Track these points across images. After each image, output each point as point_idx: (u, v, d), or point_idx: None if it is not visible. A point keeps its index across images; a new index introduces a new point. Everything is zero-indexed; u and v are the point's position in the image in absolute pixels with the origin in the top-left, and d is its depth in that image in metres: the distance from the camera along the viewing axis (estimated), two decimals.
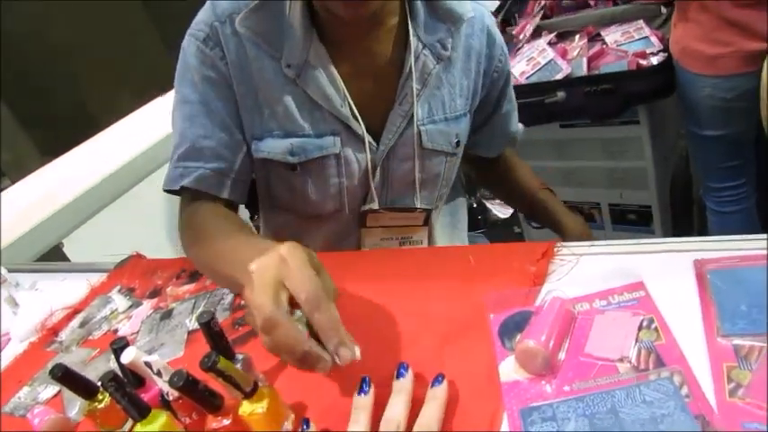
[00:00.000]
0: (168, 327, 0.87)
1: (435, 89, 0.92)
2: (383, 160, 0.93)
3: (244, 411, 0.59)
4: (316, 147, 0.90)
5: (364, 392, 0.59)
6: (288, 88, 0.87)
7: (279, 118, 0.89)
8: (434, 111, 0.93)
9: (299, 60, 0.86)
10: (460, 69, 0.93)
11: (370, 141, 0.91)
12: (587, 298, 0.64)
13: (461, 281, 0.73)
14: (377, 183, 0.95)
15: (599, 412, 0.52)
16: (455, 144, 0.96)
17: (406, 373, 0.59)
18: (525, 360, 0.58)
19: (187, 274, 0.99)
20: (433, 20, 0.89)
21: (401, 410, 0.56)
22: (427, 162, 0.95)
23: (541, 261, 0.70)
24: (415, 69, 0.89)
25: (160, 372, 0.62)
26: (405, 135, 0.92)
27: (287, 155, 0.90)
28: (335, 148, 0.90)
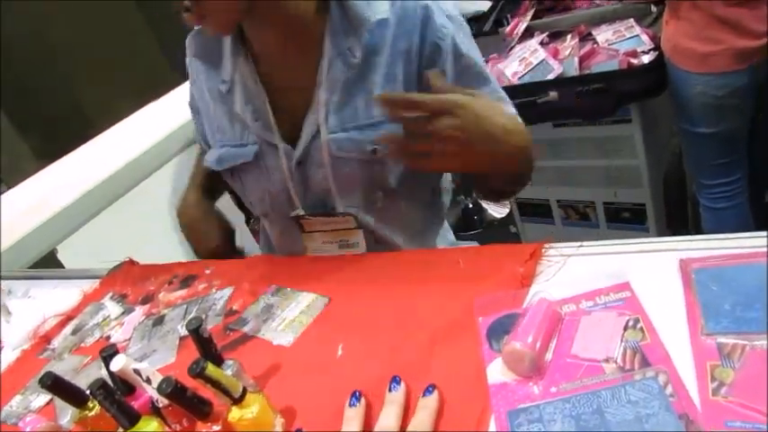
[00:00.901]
0: (160, 333, 0.87)
1: (348, 96, 0.91)
2: (300, 166, 0.95)
3: (233, 417, 0.59)
4: (234, 155, 0.99)
5: (354, 405, 0.60)
6: (223, 103, 0.99)
7: (218, 130, 1.01)
8: (347, 119, 0.91)
9: (230, 77, 0.96)
10: (383, 76, 0.90)
11: (285, 149, 0.94)
12: (574, 299, 0.64)
13: (450, 283, 0.73)
14: (298, 186, 0.97)
15: (585, 413, 0.52)
16: (370, 152, 0.92)
17: (399, 386, 0.60)
18: (512, 362, 0.58)
19: (179, 279, 0.99)
20: (347, 26, 0.89)
21: (393, 422, 0.57)
22: (341, 169, 0.94)
23: (529, 262, 0.70)
24: (327, 78, 0.90)
25: (149, 379, 0.62)
26: (316, 143, 0.92)
27: (215, 163, 1.01)
28: (248, 157, 0.97)
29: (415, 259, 0.82)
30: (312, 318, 0.77)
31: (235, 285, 0.91)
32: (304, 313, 0.79)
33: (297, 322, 0.77)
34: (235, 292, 0.90)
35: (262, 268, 0.94)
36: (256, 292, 0.87)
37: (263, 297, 0.85)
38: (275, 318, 0.80)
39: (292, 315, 0.79)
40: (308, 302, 0.80)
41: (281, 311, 0.80)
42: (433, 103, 0.70)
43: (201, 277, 0.97)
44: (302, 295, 0.82)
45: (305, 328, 0.76)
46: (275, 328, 0.78)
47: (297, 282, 0.86)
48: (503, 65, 1.86)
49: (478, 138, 0.72)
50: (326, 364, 0.69)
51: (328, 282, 0.84)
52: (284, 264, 0.93)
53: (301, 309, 0.80)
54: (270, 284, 0.87)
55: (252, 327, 0.80)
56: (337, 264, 0.89)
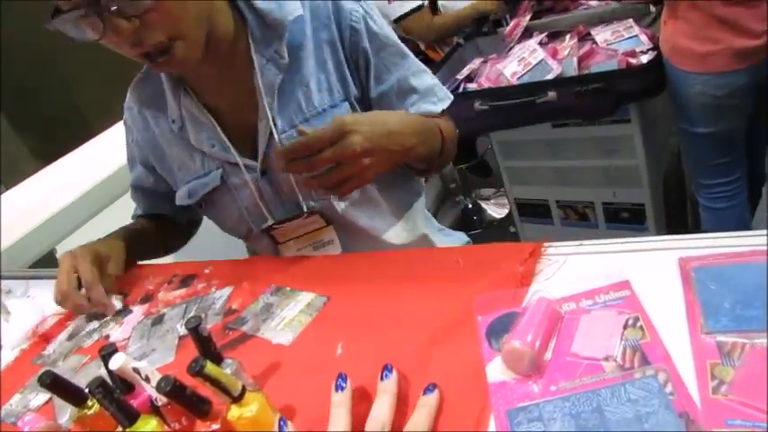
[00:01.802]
0: (159, 332, 0.87)
1: (288, 95, 0.93)
2: (266, 175, 0.97)
3: (232, 416, 0.59)
4: (202, 185, 1.00)
5: (341, 389, 0.59)
6: (179, 141, 1.00)
7: (182, 169, 1.03)
8: (293, 116, 0.94)
9: (177, 114, 0.97)
10: (314, 66, 0.93)
11: (246, 164, 0.96)
12: (574, 298, 0.64)
13: (449, 282, 0.73)
14: (270, 196, 0.99)
15: (584, 411, 0.52)
16: None
17: (390, 374, 0.60)
18: (512, 361, 0.58)
19: (179, 279, 0.99)
20: (267, 31, 0.91)
21: (386, 411, 0.56)
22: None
23: (528, 261, 0.70)
24: (263, 85, 0.91)
25: (148, 377, 0.62)
26: (272, 147, 0.94)
27: (185, 198, 1.03)
28: (216, 182, 0.99)
29: (413, 258, 0.82)
30: (311, 317, 0.77)
31: (234, 285, 0.91)
32: (303, 312, 0.79)
33: (296, 321, 0.77)
34: (234, 291, 0.90)
35: (261, 268, 0.94)
36: (255, 292, 0.87)
37: (263, 296, 0.85)
38: (274, 317, 0.80)
39: (292, 314, 0.79)
40: (307, 301, 0.80)
41: (281, 311, 0.80)
42: (326, 132, 0.73)
43: (201, 277, 0.97)
44: (301, 294, 0.82)
45: (304, 327, 0.76)
46: (274, 328, 0.78)
47: (296, 281, 0.86)
48: (502, 65, 1.86)
49: (384, 138, 0.78)
50: (325, 362, 0.69)
51: (327, 281, 0.83)
52: (283, 263, 0.93)
53: (300, 308, 0.79)
54: (269, 284, 0.87)
55: (251, 326, 0.80)
56: (336, 263, 0.89)
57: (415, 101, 0.99)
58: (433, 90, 1.01)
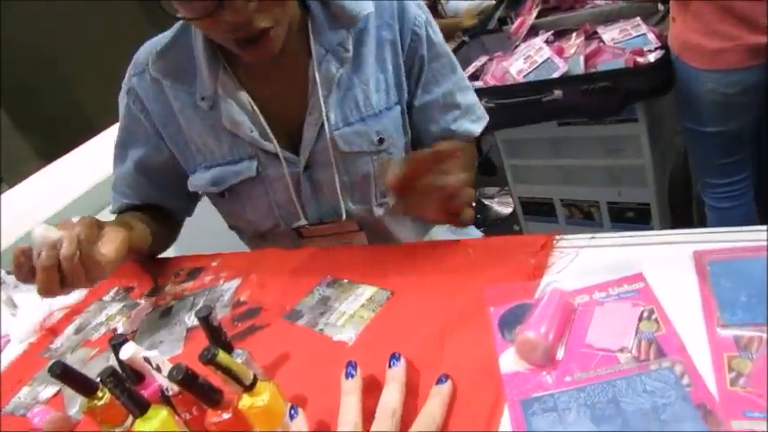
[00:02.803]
0: (167, 324, 0.87)
1: (346, 91, 0.91)
2: (307, 171, 0.94)
3: (243, 405, 0.58)
4: (233, 173, 0.95)
5: (351, 376, 0.59)
6: (205, 121, 0.93)
7: (202, 151, 0.96)
8: (348, 112, 0.91)
9: (210, 92, 0.91)
10: (374, 64, 0.91)
11: (287, 156, 0.92)
12: (587, 290, 0.64)
13: (460, 274, 0.72)
14: (307, 194, 0.96)
15: (600, 402, 0.52)
16: (377, 141, 0.93)
17: (398, 362, 0.60)
18: (525, 351, 0.58)
19: (186, 272, 0.99)
20: (332, 23, 0.89)
21: (396, 397, 0.56)
22: (350, 165, 0.94)
23: (540, 253, 0.70)
24: (320, 76, 0.89)
25: (159, 367, 0.62)
26: (321, 143, 0.91)
27: (209, 185, 0.97)
28: (251, 172, 0.94)
29: (422, 249, 0.82)
30: (374, 312, 0.73)
31: (242, 277, 0.91)
32: (365, 307, 0.74)
33: (357, 317, 0.74)
34: (242, 283, 0.89)
35: (271, 259, 0.93)
36: (264, 284, 0.87)
37: (318, 288, 0.81)
38: (333, 311, 0.76)
39: (352, 309, 0.75)
40: (369, 295, 0.76)
41: (339, 305, 0.77)
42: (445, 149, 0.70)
43: (208, 269, 0.97)
44: (361, 287, 0.78)
45: (367, 323, 0.72)
46: (334, 323, 0.74)
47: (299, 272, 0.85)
48: (507, 63, 1.86)
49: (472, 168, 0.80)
50: (337, 353, 0.68)
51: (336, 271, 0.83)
52: (294, 256, 0.92)
53: (361, 302, 0.75)
54: (324, 275, 0.83)
55: (308, 320, 0.76)
56: (337, 255, 0.88)
57: (458, 117, 0.98)
58: (474, 108, 1.01)
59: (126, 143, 1.02)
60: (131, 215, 1.02)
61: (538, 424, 0.52)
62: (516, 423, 0.53)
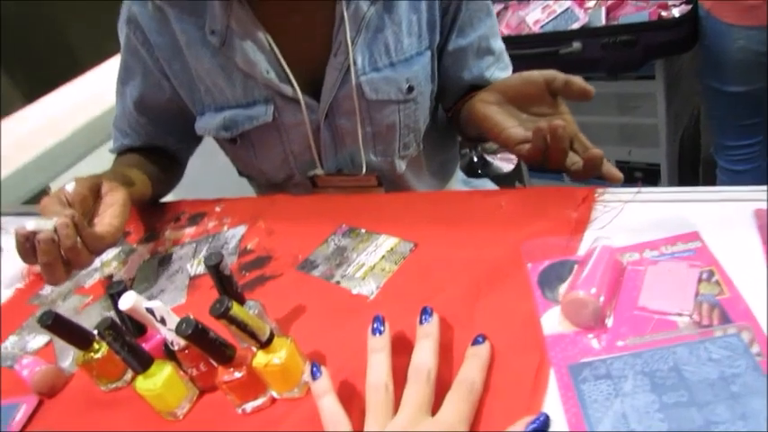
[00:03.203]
0: (168, 272, 0.80)
1: (376, 32, 0.82)
2: (328, 118, 0.86)
3: (258, 363, 0.53)
4: (246, 118, 0.86)
5: (379, 332, 0.53)
6: (215, 59, 0.83)
7: (212, 92, 0.87)
8: (377, 57, 0.83)
9: (221, 26, 0.81)
10: (407, 4, 0.82)
11: (307, 102, 0.84)
12: (636, 248, 0.58)
13: (492, 226, 0.66)
14: (326, 143, 0.88)
15: (660, 370, 0.46)
16: (406, 90, 0.85)
17: (431, 317, 0.53)
18: (573, 312, 0.52)
19: (186, 217, 0.92)
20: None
21: (430, 357, 0.50)
22: (375, 114, 0.86)
23: (582, 207, 0.64)
24: (348, 15, 0.80)
25: (164, 319, 0.56)
26: (345, 88, 0.83)
27: (221, 130, 0.88)
28: (267, 117, 0.85)
29: (446, 199, 0.75)
30: (396, 265, 0.67)
31: (248, 223, 0.84)
32: (386, 259, 0.68)
33: (378, 269, 0.67)
34: (249, 230, 0.83)
35: (281, 206, 0.86)
36: (274, 232, 0.80)
37: (333, 238, 0.75)
38: (350, 262, 0.70)
39: (372, 260, 0.69)
40: (390, 246, 0.70)
41: (357, 255, 0.71)
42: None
43: (211, 215, 0.90)
44: (381, 238, 0.72)
45: (389, 276, 0.66)
46: (353, 275, 0.68)
47: (312, 220, 0.79)
48: (524, 12, 1.77)
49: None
50: (357, 306, 0.63)
51: (360, 220, 0.76)
52: (305, 202, 0.86)
53: (382, 254, 0.69)
54: (340, 223, 0.77)
55: (323, 271, 0.70)
56: (353, 202, 0.82)
57: (490, 64, 0.91)
58: (503, 55, 0.94)
59: (124, 79, 0.94)
60: (130, 162, 0.94)
61: (590, 392, 0.47)
62: (565, 390, 0.48)
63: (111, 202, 0.75)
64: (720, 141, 1.72)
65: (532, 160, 0.64)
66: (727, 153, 1.73)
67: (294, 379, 0.54)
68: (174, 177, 1.05)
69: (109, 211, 0.74)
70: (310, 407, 0.53)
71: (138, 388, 0.57)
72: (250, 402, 0.55)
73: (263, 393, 0.56)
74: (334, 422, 0.48)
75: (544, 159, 0.64)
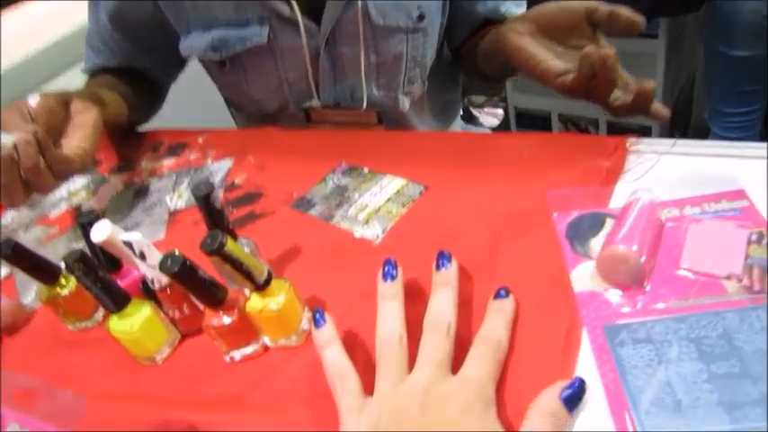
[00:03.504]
0: (144, 205, 0.73)
1: None
2: (328, 44, 0.78)
3: (253, 308, 0.47)
4: (238, 38, 0.77)
5: (391, 277, 0.47)
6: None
7: (199, 8, 0.77)
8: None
9: None
10: None
11: (306, 24, 0.76)
12: (676, 203, 0.52)
13: (514, 172, 0.60)
14: (325, 72, 0.80)
15: (708, 337, 0.42)
16: (416, 18, 0.78)
17: (450, 264, 0.47)
18: (609, 268, 0.47)
19: (166, 147, 0.84)
20: None
21: (450, 307, 0.45)
22: (381, 43, 0.79)
23: (615, 156, 0.58)
24: None
25: (143, 254, 0.49)
26: (349, 12, 0.75)
27: (208, 51, 0.79)
28: (262, 38, 0.77)
29: (460, 140, 0.69)
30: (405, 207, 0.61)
31: (235, 157, 0.77)
32: (393, 201, 0.62)
33: (384, 211, 0.61)
34: (236, 164, 0.75)
35: (273, 140, 0.79)
36: (264, 167, 0.73)
37: (331, 176, 0.68)
38: (352, 203, 0.64)
39: (376, 202, 0.62)
40: (396, 188, 0.63)
41: (359, 196, 0.64)
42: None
43: (193, 146, 0.82)
44: (386, 178, 0.65)
45: (396, 219, 0.60)
46: (355, 217, 0.62)
47: (307, 156, 0.72)
48: None
49: None
50: (361, 251, 0.57)
51: (366, 160, 0.69)
52: (296, 137, 0.78)
53: (388, 196, 0.63)
54: (339, 161, 0.70)
55: (321, 211, 0.64)
56: (353, 139, 0.75)
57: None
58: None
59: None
60: (104, 83, 0.85)
61: (629, 356, 0.42)
62: (600, 352, 0.43)
63: (81, 122, 0.66)
64: (717, 107, 1.68)
65: (575, 92, 0.57)
66: (722, 120, 1.69)
67: (291, 326, 0.48)
68: (153, 105, 0.96)
69: (79, 133, 0.66)
70: (308, 357, 0.47)
71: (113, 330, 0.50)
72: (240, 349, 0.49)
73: (255, 340, 0.50)
74: (340, 375, 0.42)
75: (588, 91, 0.57)
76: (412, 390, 0.40)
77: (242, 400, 0.46)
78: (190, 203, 0.70)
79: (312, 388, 0.45)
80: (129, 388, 0.51)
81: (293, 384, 0.46)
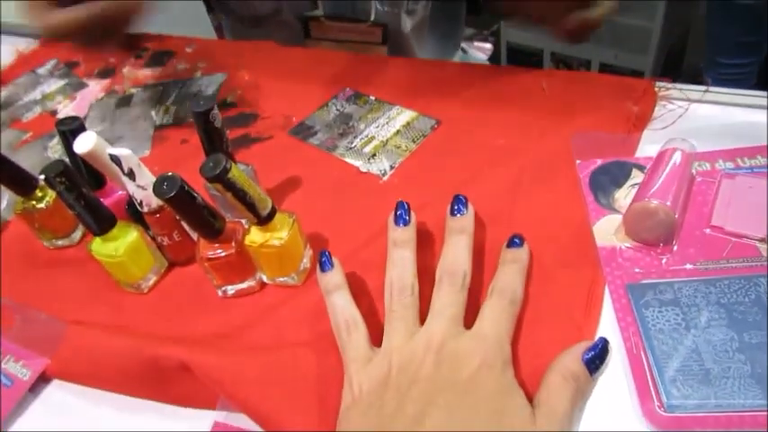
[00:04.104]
0: (127, 117, 0.67)
1: None
2: None
3: (253, 242, 0.43)
4: None
5: (404, 222, 0.43)
6: None
7: None
8: None
9: None
10: None
11: None
12: (707, 156, 0.49)
13: (534, 111, 0.56)
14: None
15: (740, 303, 0.39)
16: None
17: (466, 209, 0.44)
18: (638, 224, 0.44)
19: (149, 54, 0.77)
20: None
21: (465, 257, 0.42)
22: None
23: (644, 100, 0.54)
24: None
25: (132, 172, 0.44)
26: None
27: None
28: None
29: (475, 73, 0.64)
30: (415, 143, 0.56)
31: (228, 71, 0.71)
32: (402, 135, 0.57)
33: (391, 146, 0.56)
34: (228, 79, 0.69)
35: (266, 56, 0.72)
36: (260, 86, 0.67)
37: (333, 102, 0.63)
38: (357, 134, 0.59)
39: (383, 135, 0.58)
40: (406, 120, 0.59)
41: (365, 127, 0.59)
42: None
43: (181, 55, 0.76)
44: (394, 109, 0.60)
45: (406, 155, 0.55)
46: (360, 149, 0.57)
47: (308, 77, 0.67)
48: None
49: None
50: (367, 187, 0.53)
51: (352, 84, 0.65)
52: (297, 55, 0.72)
53: (397, 128, 0.58)
54: (343, 87, 0.65)
55: (323, 141, 0.59)
56: (359, 63, 0.69)
57: None
58: None
59: None
60: None
61: (654, 319, 0.39)
62: (623, 314, 0.40)
63: None
64: (714, 57, 1.66)
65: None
66: (718, 71, 1.67)
67: (292, 264, 0.45)
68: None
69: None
70: (309, 297, 0.44)
71: (95, 251, 0.46)
72: (234, 285, 0.46)
73: (252, 276, 0.46)
74: (347, 323, 0.39)
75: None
76: (425, 344, 0.37)
77: (237, 339, 0.43)
78: (178, 120, 0.65)
79: (313, 331, 0.42)
80: (111, 316, 0.47)
81: (293, 326, 0.43)
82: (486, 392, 0.34)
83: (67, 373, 0.44)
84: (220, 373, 0.39)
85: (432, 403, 0.33)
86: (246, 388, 0.38)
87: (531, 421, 0.33)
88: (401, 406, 0.34)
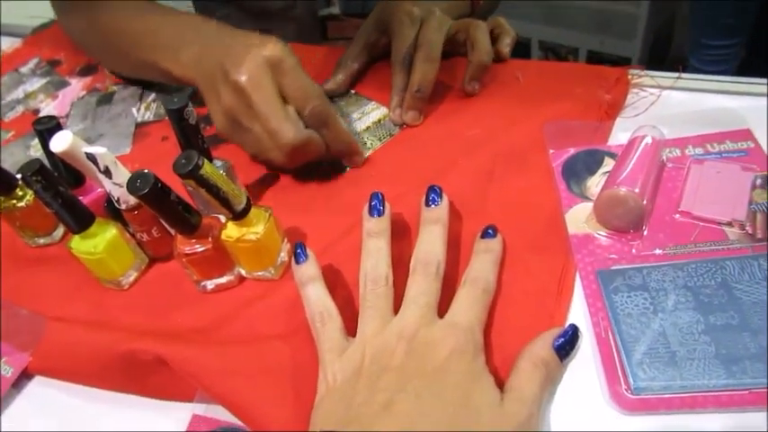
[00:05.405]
0: (108, 114, 0.67)
1: None
2: None
3: (229, 236, 0.43)
4: None
5: (378, 212, 0.44)
6: None
7: None
8: None
9: None
10: None
11: None
12: (677, 142, 0.50)
13: (508, 101, 0.57)
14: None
15: (706, 286, 0.40)
16: None
17: (440, 200, 0.45)
18: (608, 211, 0.44)
19: None
20: None
21: (439, 247, 0.42)
22: None
23: (617, 88, 0.55)
24: None
25: (109, 170, 0.45)
26: None
27: None
28: None
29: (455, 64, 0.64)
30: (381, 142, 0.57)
31: None
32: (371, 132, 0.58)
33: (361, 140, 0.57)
34: None
35: None
36: None
37: None
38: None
39: (355, 128, 0.58)
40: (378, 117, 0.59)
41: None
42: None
43: None
44: (370, 105, 0.60)
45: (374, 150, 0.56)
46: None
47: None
48: None
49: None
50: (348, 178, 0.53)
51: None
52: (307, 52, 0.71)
53: (367, 124, 0.59)
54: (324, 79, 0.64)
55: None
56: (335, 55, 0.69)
57: None
58: None
59: None
60: None
61: (623, 304, 0.40)
62: (593, 299, 0.41)
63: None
64: (698, 39, 1.67)
65: None
66: (702, 52, 1.68)
67: (269, 258, 0.46)
68: None
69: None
70: (286, 291, 0.45)
71: (74, 249, 0.46)
72: (213, 279, 0.46)
73: (230, 270, 0.47)
74: (321, 314, 0.40)
75: None
76: (398, 333, 0.37)
77: (214, 333, 0.43)
78: (159, 116, 0.65)
79: (289, 324, 0.43)
80: (91, 312, 0.48)
81: (270, 319, 0.43)
82: (455, 379, 0.35)
83: (48, 369, 0.44)
84: (197, 367, 0.39)
85: (401, 391, 0.34)
86: (223, 380, 0.39)
87: (498, 404, 0.34)
88: (372, 394, 0.34)
